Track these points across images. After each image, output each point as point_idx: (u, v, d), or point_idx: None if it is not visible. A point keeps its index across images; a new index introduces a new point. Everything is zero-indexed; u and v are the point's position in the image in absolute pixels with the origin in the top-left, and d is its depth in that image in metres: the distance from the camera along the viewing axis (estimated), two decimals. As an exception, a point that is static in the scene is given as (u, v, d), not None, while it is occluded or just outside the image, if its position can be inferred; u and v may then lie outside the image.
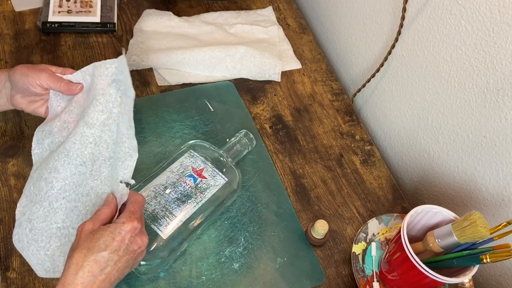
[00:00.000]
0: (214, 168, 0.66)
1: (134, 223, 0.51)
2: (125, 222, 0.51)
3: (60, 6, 0.87)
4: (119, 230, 0.50)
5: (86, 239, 0.49)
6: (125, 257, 0.50)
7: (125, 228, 0.50)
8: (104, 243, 0.49)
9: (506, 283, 0.67)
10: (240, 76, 0.87)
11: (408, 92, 0.78)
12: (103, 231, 0.50)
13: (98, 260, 0.48)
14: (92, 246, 0.48)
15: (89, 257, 0.47)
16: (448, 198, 0.75)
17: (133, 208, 0.53)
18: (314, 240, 0.68)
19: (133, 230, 0.51)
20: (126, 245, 0.50)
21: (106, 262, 0.48)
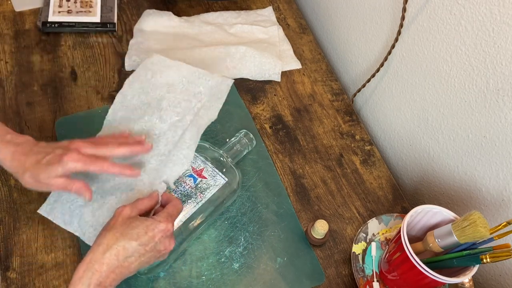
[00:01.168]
0: (214, 168, 0.66)
1: (169, 225, 0.53)
2: (161, 221, 0.53)
3: (60, 6, 0.87)
4: (153, 226, 0.52)
5: (122, 223, 0.51)
6: (150, 253, 0.52)
7: (160, 226, 0.52)
8: (136, 234, 0.51)
9: (506, 283, 0.67)
10: (240, 76, 0.87)
11: (408, 92, 0.78)
12: (139, 221, 0.52)
13: (127, 248, 0.50)
14: (126, 233, 0.50)
15: (120, 241, 0.50)
16: (448, 198, 0.75)
17: (172, 211, 0.55)
18: (314, 240, 0.68)
19: (166, 231, 0.53)
20: (155, 242, 0.52)
21: (133, 252, 0.50)
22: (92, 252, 0.49)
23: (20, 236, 0.63)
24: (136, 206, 0.54)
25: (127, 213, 0.53)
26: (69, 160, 0.55)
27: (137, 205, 0.54)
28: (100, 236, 0.51)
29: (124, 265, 0.50)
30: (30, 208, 0.65)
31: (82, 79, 0.81)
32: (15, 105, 0.76)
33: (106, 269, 0.49)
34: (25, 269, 0.61)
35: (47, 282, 0.60)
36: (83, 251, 0.63)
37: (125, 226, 0.51)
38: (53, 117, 0.75)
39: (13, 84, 0.78)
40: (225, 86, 0.70)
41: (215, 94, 0.67)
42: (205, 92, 0.68)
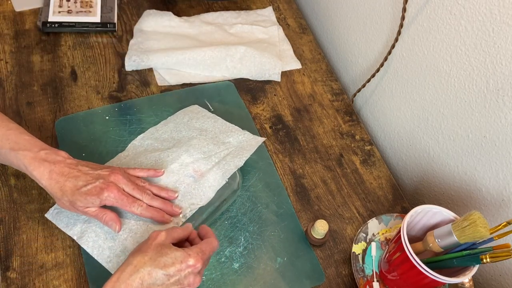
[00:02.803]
0: (214, 168, 0.66)
1: (198, 262, 0.52)
2: (191, 255, 0.52)
3: (60, 6, 0.87)
4: (182, 259, 0.51)
5: (154, 248, 0.51)
6: (173, 285, 0.51)
7: (189, 261, 0.52)
8: (164, 263, 0.50)
9: (506, 283, 0.67)
10: (240, 76, 0.87)
11: (408, 92, 0.78)
12: (170, 251, 0.52)
13: (152, 274, 0.50)
14: (154, 259, 0.50)
15: (147, 266, 0.50)
16: (448, 198, 0.75)
17: (205, 249, 0.54)
18: (314, 240, 0.68)
19: (193, 267, 0.52)
20: (180, 276, 0.51)
21: (156, 280, 0.50)
22: (120, 272, 0.50)
23: (20, 236, 0.63)
24: (171, 234, 0.54)
25: (162, 239, 0.53)
26: (109, 196, 0.56)
27: (172, 233, 0.54)
28: (131, 255, 0.52)
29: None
30: (30, 208, 0.65)
31: (82, 79, 0.81)
32: (15, 105, 0.76)
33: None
34: (25, 269, 0.61)
35: (47, 282, 0.60)
36: (83, 251, 0.63)
37: (156, 251, 0.51)
38: (53, 117, 0.75)
39: (13, 84, 0.78)
40: (255, 142, 0.72)
41: (244, 147, 0.69)
42: (234, 144, 0.71)
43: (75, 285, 0.61)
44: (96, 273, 0.61)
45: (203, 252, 0.53)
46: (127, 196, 0.58)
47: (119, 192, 0.57)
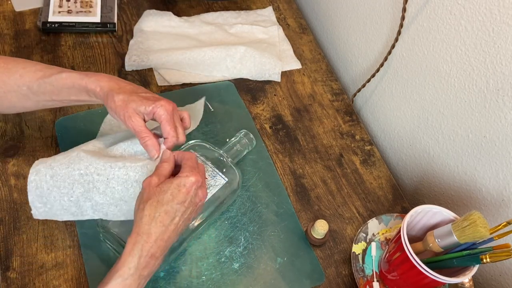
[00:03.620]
0: (214, 168, 0.66)
1: (197, 176, 0.54)
2: (189, 175, 0.53)
3: (60, 6, 0.87)
4: (184, 182, 0.53)
5: (154, 192, 0.52)
6: (190, 208, 0.53)
7: (190, 180, 0.53)
8: (171, 195, 0.52)
9: (506, 283, 0.67)
10: (240, 76, 0.87)
11: (408, 92, 0.78)
12: (169, 183, 0.53)
13: (168, 210, 0.51)
14: (161, 198, 0.51)
15: (159, 208, 0.51)
16: (448, 198, 0.75)
17: (191, 164, 0.56)
18: (314, 240, 0.68)
19: (197, 182, 0.54)
20: (191, 196, 0.53)
21: (175, 213, 0.52)
22: (137, 226, 0.50)
23: (20, 236, 0.63)
24: (160, 173, 0.55)
25: (155, 182, 0.53)
26: (163, 106, 0.57)
27: (161, 172, 0.55)
28: (138, 211, 0.52)
29: (171, 229, 0.52)
30: (30, 208, 0.65)
31: (82, 79, 0.81)
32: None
33: (154, 238, 0.50)
34: (25, 269, 0.61)
35: (47, 282, 0.60)
36: (83, 251, 0.63)
37: (158, 193, 0.52)
38: (53, 117, 0.75)
39: (13, 84, 0.78)
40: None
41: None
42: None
43: (75, 285, 0.61)
44: (96, 273, 0.61)
45: (193, 167, 0.55)
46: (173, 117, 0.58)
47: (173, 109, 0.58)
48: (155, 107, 0.56)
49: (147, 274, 0.51)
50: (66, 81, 0.59)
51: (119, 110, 0.57)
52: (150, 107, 0.56)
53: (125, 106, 0.56)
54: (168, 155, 0.57)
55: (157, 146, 0.58)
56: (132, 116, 0.57)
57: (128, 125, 0.57)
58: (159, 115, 0.57)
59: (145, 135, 0.57)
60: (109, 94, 0.57)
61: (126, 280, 0.49)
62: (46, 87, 0.59)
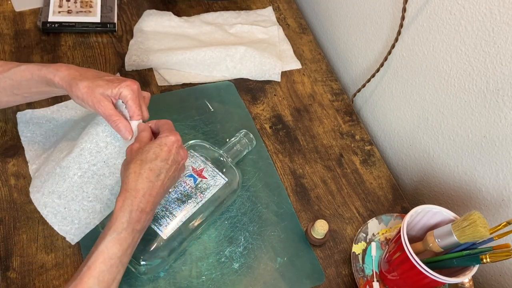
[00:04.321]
0: (214, 168, 0.66)
1: (177, 135, 0.56)
2: (168, 135, 0.56)
3: (60, 6, 0.87)
4: (165, 141, 0.55)
5: (137, 153, 0.54)
6: (173, 166, 0.55)
7: (170, 139, 0.55)
8: (154, 153, 0.54)
9: (506, 283, 0.67)
10: (240, 76, 0.87)
11: (408, 92, 0.78)
12: (150, 144, 0.55)
13: (153, 168, 0.53)
14: (145, 157, 0.53)
15: (144, 166, 0.53)
16: (448, 198, 0.75)
17: (168, 126, 0.58)
18: (314, 240, 0.68)
19: (177, 141, 0.56)
20: (173, 155, 0.55)
21: (160, 170, 0.53)
22: (125, 183, 0.52)
23: (20, 236, 0.63)
24: (140, 139, 0.56)
25: (137, 146, 0.55)
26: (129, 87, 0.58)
27: (141, 138, 0.57)
28: (124, 171, 0.54)
29: (158, 184, 0.53)
30: (30, 208, 0.65)
31: (82, 79, 0.81)
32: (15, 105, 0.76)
33: (142, 193, 0.52)
34: (25, 269, 0.61)
35: (47, 282, 0.60)
36: (83, 251, 0.63)
37: (140, 153, 0.54)
38: (53, 117, 0.75)
39: (13, 84, 0.78)
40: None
41: None
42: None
43: (75, 285, 0.61)
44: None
45: (171, 129, 0.57)
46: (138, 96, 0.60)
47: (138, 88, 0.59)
48: (121, 87, 0.58)
49: (140, 228, 0.52)
50: (24, 73, 0.60)
51: (86, 97, 0.57)
52: (116, 89, 0.57)
53: (91, 92, 0.57)
54: (143, 125, 0.59)
55: (129, 127, 0.59)
56: (101, 101, 0.57)
57: (97, 110, 0.58)
58: (125, 95, 0.58)
59: (116, 118, 0.58)
60: (71, 82, 0.58)
61: (120, 233, 0.50)
62: (5, 81, 0.60)
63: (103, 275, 0.48)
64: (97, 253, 0.49)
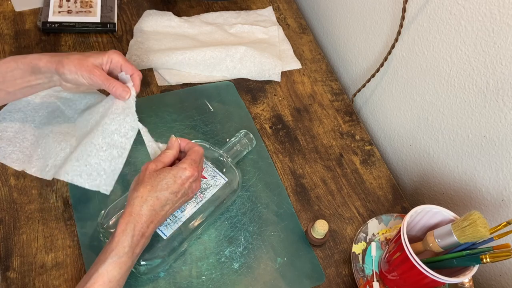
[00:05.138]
0: (214, 168, 0.66)
1: (195, 170, 0.56)
2: (187, 168, 0.56)
3: (60, 6, 0.87)
4: (181, 174, 0.55)
5: (150, 176, 0.55)
6: (181, 199, 0.56)
7: (186, 174, 0.56)
8: (166, 184, 0.54)
9: (506, 283, 0.67)
10: (240, 76, 0.87)
11: (408, 92, 0.78)
12: (166, 172, 0.55)
13: (160, 197, 0.54)
14: (156, 184, 0.54)
15: (152, 193, 0.53)
16: (448, 198, 0.75)
17: (195, 157, 0.58)
18: (314, 240, 0.68)
19: (192, 177, 0.56)
20: (185, 189, 0.56)
21: (166, 201, 0.54)
22: (130, 206, 0.53)
23: (20, 236, 0.63)
24: (160, 159, 0.57)
25: (153, 168, 0.55)
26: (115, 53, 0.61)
27: (161, 159, 0.57)
28: (133, 191, 0.54)
29: (161, 214, 0.54)
30: (30, 208, 0.65)
31: (82, 79, 0.81)
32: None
33: (145, 220, 0.53)
34: (25, 269, 0.61)
35: (47, 282, 0.60)
36: (83, 251, 0.63)
37: (153, 178, 0.54)
38: (53, 117, 0.75)
39: (13, 84, 0.78)
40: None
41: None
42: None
43: (75, 285, 0.61)
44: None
45: (194, 161, 0.57)
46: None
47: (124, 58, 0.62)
48: (110, 54, 0.60)
49: (138, 251, 0.53)
50: (9, 64, 0.60)
51: (79, 68, 0.59)
52: (106, 57, 0.60)
53: (83, 64, 0.59)
54: (173, 141, 0.59)
55: (126, 87, 0.61)
56: (95, 69, 0.59)
57: (92, 80, 0.60)
58: (117, 60, 0.61)
59: (112, 81, 0.60)
60: (60, 59, 0.59)
61: (121, 258, 0.51)
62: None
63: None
64: (97, 276, 0.49)
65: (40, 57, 0.60)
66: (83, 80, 0.60)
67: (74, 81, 0.60)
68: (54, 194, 0.67)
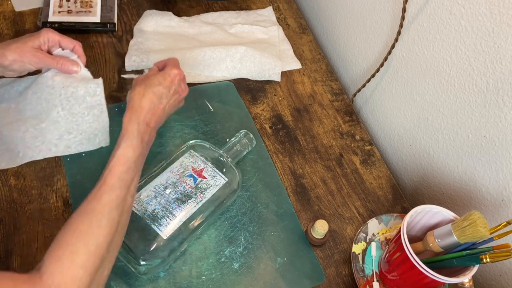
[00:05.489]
0: (214, 168, 0.67)
1: (180, 70, 0.63)
2: (172, 68, 0.62)
3: (60, 6, 0.87)
4: (169, 72, 0.62)
5: (143, 79, 0.61)
6: (174, 96, 0.62)
7: (174, 71, 0.62)
8: (158, 80, 0.61)
9: (506, 283, 0.67)
10: (240, 76, 0.87)
11: (408, 92, 0.78)
12: (155, 74, 0.62)
13: (156, 91, 0.60)
14: (149, 82, 0.61)
15: (148, 89, 0.60)
16: (448, 198, 0.75)
17: (174, 62, 0.64)
18: (314, 240, 0.68)
19: (180, 74, 0.63)
20: (175, 85, 0.62)
21: (161, 94, 0.61)
22: (130, 103, 0.59)
23: (20, 236, 0.63)
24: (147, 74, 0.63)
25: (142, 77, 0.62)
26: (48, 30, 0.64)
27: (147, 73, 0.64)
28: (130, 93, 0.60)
29: (160, 107, 0.60)
30: (30, 208, 0.65)
31: (82, 79, 0.81)
32: None
33: (146, 110, 0.59)
34: (25, 269, 0.61)
35: (47, 282, 0.60)
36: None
37: (146, 79, 0.61)
38: (53, 117, 0.75)
39: (13, 84, 0.78)
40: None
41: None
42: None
43: (75, 285, 0.61)
44: (96, 273, 0.61)
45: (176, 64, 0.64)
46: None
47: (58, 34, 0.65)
48: (45, 34, 0.63)
49: (147, 140, 0.59)
50: None
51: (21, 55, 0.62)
52: (41, 37, 0.63)
53: (24, 51, 0.62)
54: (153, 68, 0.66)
55: (73, 61, 0.65)
56: (37, 52, 0.63)
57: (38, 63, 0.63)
58: (53, 38, 0.64)
59: (58, 58, 0.64)
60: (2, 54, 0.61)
61: (132, 141, 0.56)
62: None
63: (123, 175, 0.54)
64: (115, 159, 0.54)
65: None
66: (30, 65, 0.63)
67: (21, 69, 0.63)
68: (54, 194, 0.67)
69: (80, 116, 0.67)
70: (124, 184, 0.53)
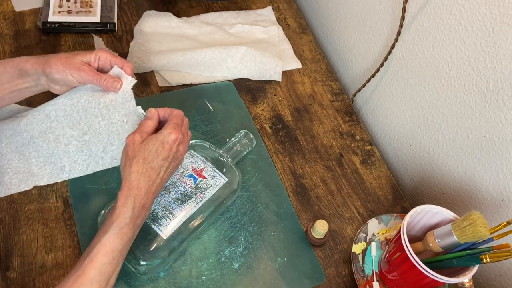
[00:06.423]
0: (214, 168, 0.67)
1: (179, 133, 0.58)
2: (171, 132, 0.57)
3: (60, 6, 0.87)
4: (167, 139, 0.56)
5: (139, 149, 0.56)
6: (172, 163, 0.58)
7: (172, 137, 0.57)
8: (156, 152, 0.55)
9: (506, 283, 0.67)
10: (241, 76, 0.86)
11: (408, 92, 0.78)
12: (153, 141, 0.56)
13: (154, 167, 0.55)
14: (147, 155, 0.55)
15: (146, 165, 0.55)
16: (448, 198, 0.75)
17: (176, 121, 0.59)
18: (314, 240, 0.68)
19: (178, 139, 0.57)
20: (173, 152, 0.57)
21: (160, 168, 0.56)
22: (128, 181, 0.54)
23: (20, 236, 0.63)
24: (143, 130, 0.57)
25: (138, 140, 0.56)
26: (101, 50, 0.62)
27: (144, 129, 0.57)
28: (126, 168, 0.55)
29: (158, 182, 0.56)
30: (30, 208, 0.65)
31: (82, 79, 0.81)
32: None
33: (145, 191, 0.54)
34: (25, 269, 0.61)
35: (47, 282, 0.60)
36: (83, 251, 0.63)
37: (143, 150, 0.55)
38: (53, 117, 0.75)
39: (13, 84, 0.78)
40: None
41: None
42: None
43: (75, 285, 0.61)
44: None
45: (177, 124, 0.58)
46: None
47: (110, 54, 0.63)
48: (97, 52, 0.62)
49: (140, 222, 0.54)
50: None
51: (67, 66, 0.60)
52: (93, 54, 0.61)
53: (71, 62, 0.60)
54: (152, 113, 0.60)
55: (116, 78, 0.62)
56: (84, 66, 0.60)
57: (82, 77, 0.60)
58: (104, 57, 0.62)
59: (102, 75, 0.61)
60: (46, 61, 0.60)
61: (122, 229, 0.52)
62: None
63: (105, 267, 0.49)
64: (99, 246, 0.50)
65: (27, 59, 0.61)
66: (72, 78, 0.61)
67: (63, 81, 0.61)
68: (54, 194, 0.67)
69: (120, 125, 0.63)
70: (104, 278, 0.49)
